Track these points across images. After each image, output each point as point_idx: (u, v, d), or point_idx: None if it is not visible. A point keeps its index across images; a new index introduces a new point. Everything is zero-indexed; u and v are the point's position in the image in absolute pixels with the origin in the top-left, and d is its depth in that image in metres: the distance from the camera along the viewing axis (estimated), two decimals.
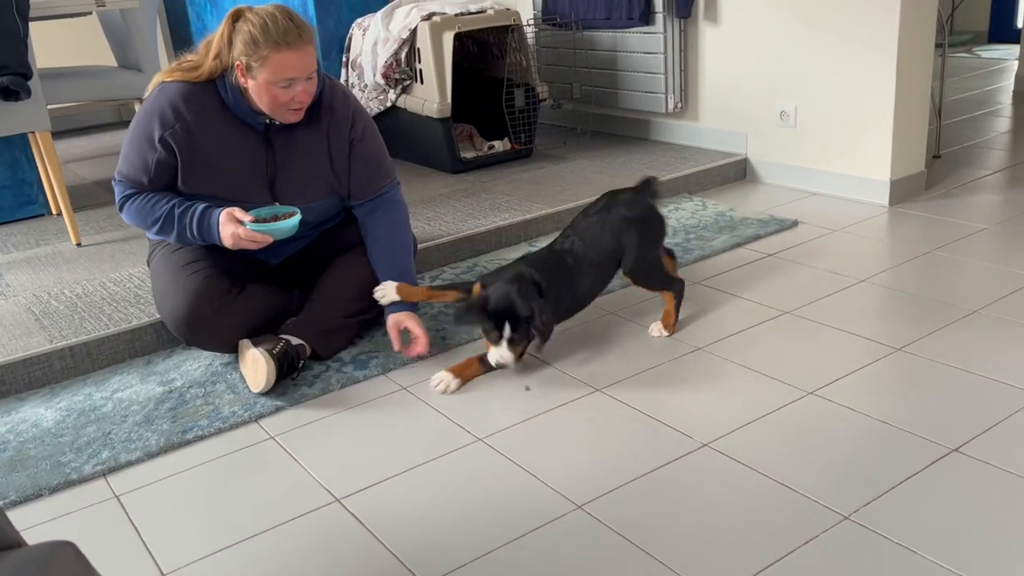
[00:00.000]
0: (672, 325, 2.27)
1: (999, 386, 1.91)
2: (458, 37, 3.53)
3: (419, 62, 3.54)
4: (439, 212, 3.12)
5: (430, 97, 3.51)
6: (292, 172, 2.17)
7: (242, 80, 2.03)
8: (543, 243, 2.96)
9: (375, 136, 2.28)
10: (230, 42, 2.02)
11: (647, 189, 2.28)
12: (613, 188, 2.32)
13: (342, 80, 3.95)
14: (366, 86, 3.80)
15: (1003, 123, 4.23)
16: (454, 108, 3.54)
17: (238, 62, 2.01)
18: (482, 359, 2.10)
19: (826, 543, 1.47)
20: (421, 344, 2.17)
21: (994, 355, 2.04)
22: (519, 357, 2.07)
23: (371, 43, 3.72)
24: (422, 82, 3.55)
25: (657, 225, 2.26)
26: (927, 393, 1.91)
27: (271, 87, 2.01)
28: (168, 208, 2.10)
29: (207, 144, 2.10)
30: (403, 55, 3.59)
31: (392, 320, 2.20)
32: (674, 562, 1.45)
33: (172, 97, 2.08)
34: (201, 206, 2.10)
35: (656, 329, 2.26)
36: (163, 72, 2.13)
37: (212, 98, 2.09)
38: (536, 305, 2.00)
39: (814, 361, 2.08)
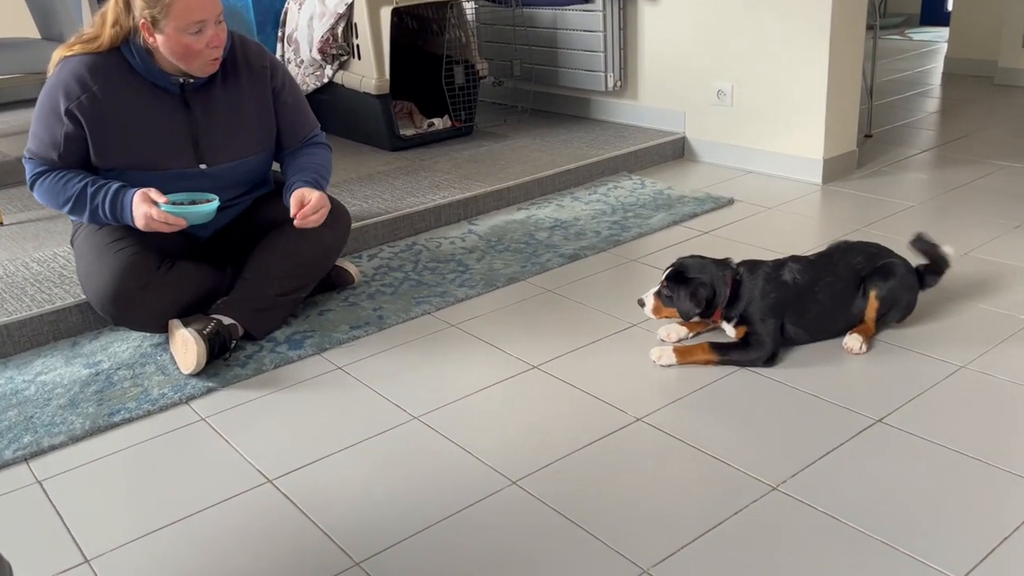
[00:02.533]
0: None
1: (922, 357, 1.96)
2: (396, 12, 3.47)
3: (356, 37, 3.48)
4: (377, 190, 3.08)
5: (368, 73, 3.45)
6: (216, 131, 2.14)
7: (150, 39, 1.98)
8: (482, 222, 2.96)
9: (294, 84, 2.30)
10: (127, 4, 1.97)
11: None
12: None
13: (277, 55, 3.87)
14: (302, 61, 3.72)
15: (932, 103, 4.34)
16: (393, 85, 3.49)
17: (142, 20, 1.96)
18: (713, 347, 1.99)
19: (755, 513, 1.50)
20: (307, 208, 2.07)
21: (918, 328, 2.09)
22: (658, 314, 2.04)
23: (307, 18, 3.64)
24: (359, 58, 3.49)
25: None
26: (854, 366, 1.96)
27: (182, 36, 1.96)
28: (80, 187, 2.03)
29: (119, 113, 2.04)
30: (340, 30, 3.52)
31: (297, 194, 2.10)
32: (607, 535, 1.47)
33: (76, 69, 2.02)
34: (115, 185, 2.03)
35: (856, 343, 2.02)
36: (62, 47, 2.07)
37: (119, 66, 2.04)
38: (699, 285, 1.97)
39: None
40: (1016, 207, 2.84)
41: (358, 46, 3.48)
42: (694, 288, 1.98)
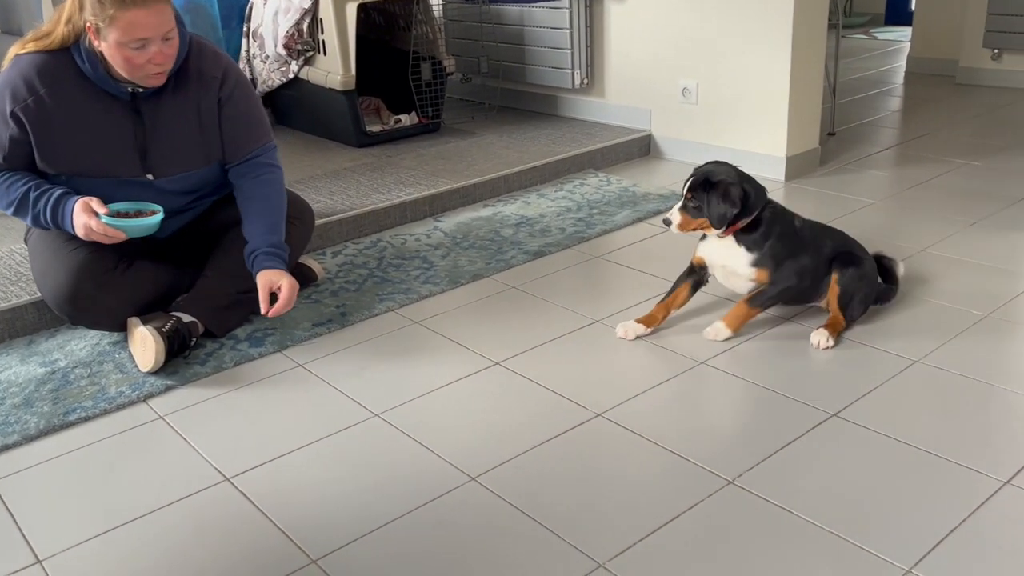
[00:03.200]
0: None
1: (877, 352, 1.99)
2: (363, 8, 3.46)
3: (322, 33, 3.46)
4: (342, 186, 3.07)
5: (333, 69, 3.44)
6: (164, 141, 2.08)
7: (96, 43, 1.93)
8: (448, 219, 2.96)
9: (247, 96, 2.18)
10: (80, 4, 1.92)
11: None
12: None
13: (243, 51, 3.83)
14: (267, 57, 3.69)
15: (895, 102, 4.40)
16: (360, 80, 3.47)
17: (88, 23, 1.90)
18: (749, 302, 2.06)
19: (711, 507, 1.52)
20: (280, 304, 2.03)
21: (874, 323, 2.12)
22: (686, 228, 2.02)
23: (272, 13, 3.62)
24: (325, 53, 3.47)
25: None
26: (810, 360, 1.98)
27: (123, 49, 1.90)
28: (24, 190, 1.99)
29: (65, 118, 1.99)
30: (305, 25, 3.50)
31: (264, 279, 2.05)
32: (565, 530, 1.48)
33: (24, 70, 1.96)
34: (58, 192, 1.99)
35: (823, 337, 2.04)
36: (17, 44, 2.02)
37: (68, 69, 1.98)
38: (729, 184, 1.94)
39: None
40: (973, 204, 2.89)
41: (324, 42, 3.46)
42: (725, 188, 1.94)
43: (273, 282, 2.05)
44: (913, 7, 5.22)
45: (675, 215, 2.02)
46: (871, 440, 1.68)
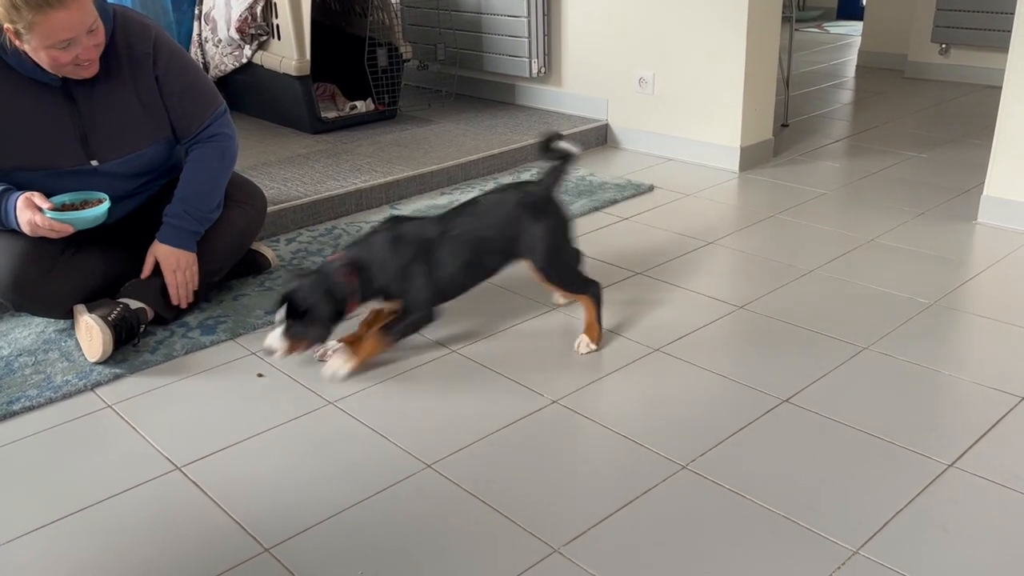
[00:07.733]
0: (598, 337, 2.01)
1: (827, 340, 2.03)
2: None
3: (276, 17, 3.40)
4: (297, 173, 3.03)
5: (288, 54, 3.38)
6: (104, 124, 2.02)
7: (17, 43, 1.85)
8: (405, 206, 2.94)
9: (182, 67, 2.11)
10: None
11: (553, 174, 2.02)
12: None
13: (194, 34, 3.76)
14: (220, 41, 3.62)
15: (847, 95, 4.48)
16: (315, 66, 3.43)
17: (6, 26, 1.81)
18: (382, 331, 1.92)
19: (664, 492, 1.53)
20: (172, 293, 2.08)
21: (824, 311, 2.16)
22: (292, 350, 1.84)
23: None
24: (279, 38, 3.41)
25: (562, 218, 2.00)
26: (763, 348, 2.01)
27: (48, 51, 1.83)
28: None
29: None
30: (259, 9, 3.44)
31: (151, 254, 2.08)
32: (520, 516, 1.48)
33: None
34: None
35: (584, 344, 1.99)
36: None
37: None
38: (317, 303, 1.79)
39: (662, 319, 2.15)
40: (920, 195, 2.96)
41: (278, 26, 3.40)
42: (311, 312, 1.80)
43: (160, 259, 2.08)
44: (864, 2, 5.31)
45: (278, 342, 1.81)
46: (822, 425, 1.71)
